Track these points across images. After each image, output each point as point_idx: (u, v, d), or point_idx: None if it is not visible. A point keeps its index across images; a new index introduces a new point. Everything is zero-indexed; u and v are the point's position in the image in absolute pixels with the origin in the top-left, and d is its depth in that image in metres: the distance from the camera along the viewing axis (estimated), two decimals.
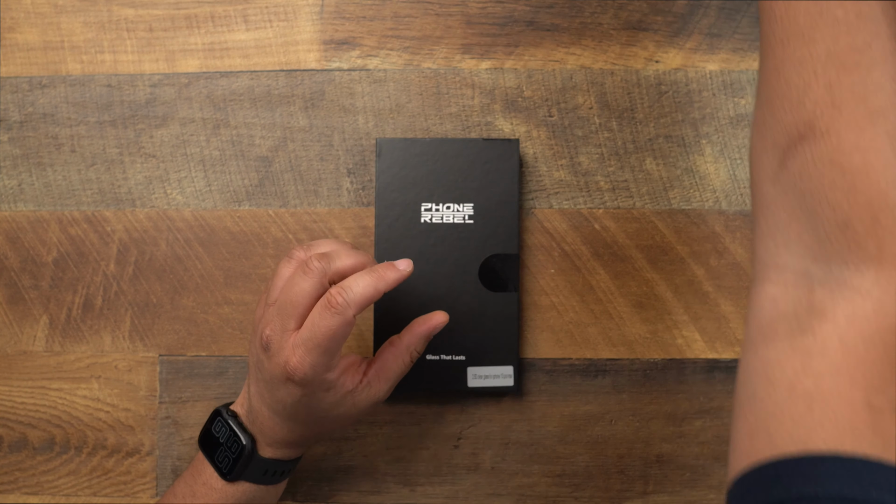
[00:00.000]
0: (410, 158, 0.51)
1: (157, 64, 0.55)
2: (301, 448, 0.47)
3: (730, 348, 0.52)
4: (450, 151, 0.51)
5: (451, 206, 0.51)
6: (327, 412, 0.43)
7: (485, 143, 0.51)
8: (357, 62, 0.54)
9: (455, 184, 0.51)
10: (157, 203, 0.54)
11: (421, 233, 0.51)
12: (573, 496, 0.53)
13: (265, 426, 0.44)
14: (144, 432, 0.54)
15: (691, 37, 0.53)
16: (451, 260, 0.51)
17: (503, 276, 0.51)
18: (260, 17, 0.54)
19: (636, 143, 0.53)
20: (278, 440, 0.45)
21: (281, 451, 0.45)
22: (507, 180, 0.51)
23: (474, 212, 0.51)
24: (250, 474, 0.45)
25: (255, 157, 0.54)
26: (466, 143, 0.52)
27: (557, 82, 0.53)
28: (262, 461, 0.45)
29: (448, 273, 0.51)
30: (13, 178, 0.55)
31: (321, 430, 0.46)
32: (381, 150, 0.52)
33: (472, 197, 0.51)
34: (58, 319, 0.54)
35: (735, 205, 0.53)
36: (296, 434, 0.45)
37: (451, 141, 0.52)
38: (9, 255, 0.55)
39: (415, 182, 0.51)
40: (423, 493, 0.53)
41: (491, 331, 0.51)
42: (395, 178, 0.51)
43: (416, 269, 0.50)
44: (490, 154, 0.51)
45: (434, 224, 0.51)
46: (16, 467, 0.54)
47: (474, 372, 0.51)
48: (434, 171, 0.51)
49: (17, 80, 0.55)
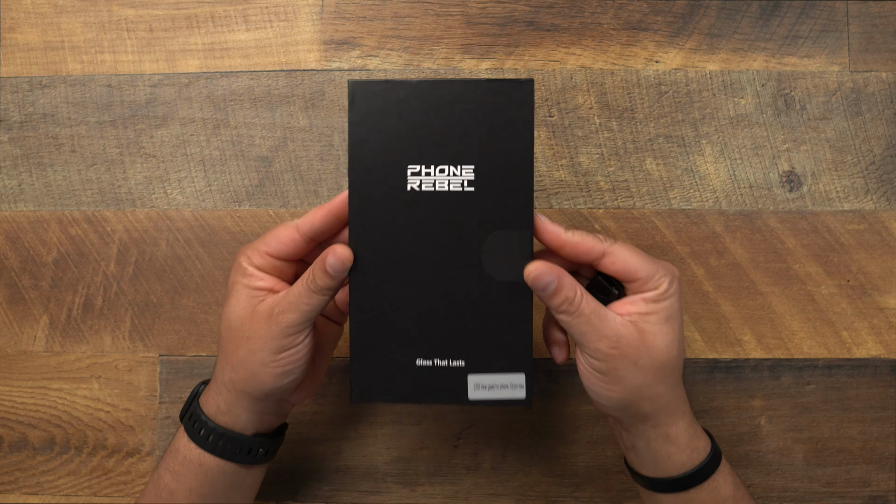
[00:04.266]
0: (393, 107, 0.40)
1: (157, 64, 0.55)
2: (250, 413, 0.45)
3: (730, 348, 0.52)
4: (444, 97, 0.39)
5: (445, 170, 0.40)
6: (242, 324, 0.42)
7: (489, 85, 0.39)
8: (357, 62, 0.54)
9: (451, 140, 0.40)
10: (157, 203, 0.54)
11: (407, 204, 0.40)
12: (573, 496, 0.53)
13: (212, 386, 0.45)
14: (144, 432, 0.54)
15: (691, 37, 0.53)
16: (445, 239, 0.40)
17: (512, 260, 0.40)
18: (260, 17, 0.54)
19: (636, 143, 0.53)
20: (225, 388, 0.44)
21: (230, 415, 0.44)
22: (520, 135, 0.39)
23: (476, 177, 0.40)
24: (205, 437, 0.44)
25: (255, 157, 0.54)
26: (465, 84, 0.39)
27: (557, 82, 0.53)
28: (215, 426, 0.44)
29: (441, 256, 0.40)
30: (13, 178, 0.55)
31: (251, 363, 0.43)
32: (353, 97, 0.40)
33: (474, 157, 0.40)
34: (58, 319, 0.54)
35: (735, 205, 0.53)
36: (230, 374, 0.43)
37: (445, 83, 0.40)
38: (9, 255, 0.55)
39: (399, 138, 0.40)
40: (423, 493, 0.53)
41: (497, 329, 0.41)
42: (374, 133, 0.40)
43: (401, 251, 0.40)
44: (496, 100, 0.39)
45: (423, 192, 0.40)
46: (16, 467, 0.54)
47: (476, 381, 0.41)
48: (424, 124, 0.40)
49: (17, 80, 0.55)
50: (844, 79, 0.53)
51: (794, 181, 0.53)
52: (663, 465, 0.42)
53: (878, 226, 0.52)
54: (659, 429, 0.42)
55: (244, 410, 0.44)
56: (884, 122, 0.53)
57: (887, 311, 0.52)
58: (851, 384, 0.52)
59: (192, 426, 0.45)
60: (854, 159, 0.53)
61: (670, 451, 0.42)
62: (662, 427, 0.42)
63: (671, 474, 0.42)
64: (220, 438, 0.44)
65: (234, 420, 0.44)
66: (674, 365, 0.41)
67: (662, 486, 0.43)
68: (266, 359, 0.42)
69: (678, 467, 0.42)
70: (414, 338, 0.41)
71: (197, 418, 0.45)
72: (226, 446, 0.44)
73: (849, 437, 0.52)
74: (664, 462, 0.42)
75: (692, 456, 0.42)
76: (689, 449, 0.42)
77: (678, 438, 0.42)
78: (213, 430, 0.44)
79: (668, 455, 0.42)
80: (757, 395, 0.52)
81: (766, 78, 0.53)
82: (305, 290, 0.41)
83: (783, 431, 0.52)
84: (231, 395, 0.44)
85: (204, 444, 0.44)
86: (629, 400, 0.40)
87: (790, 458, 0.52)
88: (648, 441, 0.42)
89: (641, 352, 0.39)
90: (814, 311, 0.52)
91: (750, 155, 0.53)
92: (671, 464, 0.42)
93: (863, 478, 0.52)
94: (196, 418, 0.45)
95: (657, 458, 0.42)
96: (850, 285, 0.52)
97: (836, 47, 0.53)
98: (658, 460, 0.42)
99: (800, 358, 0.52)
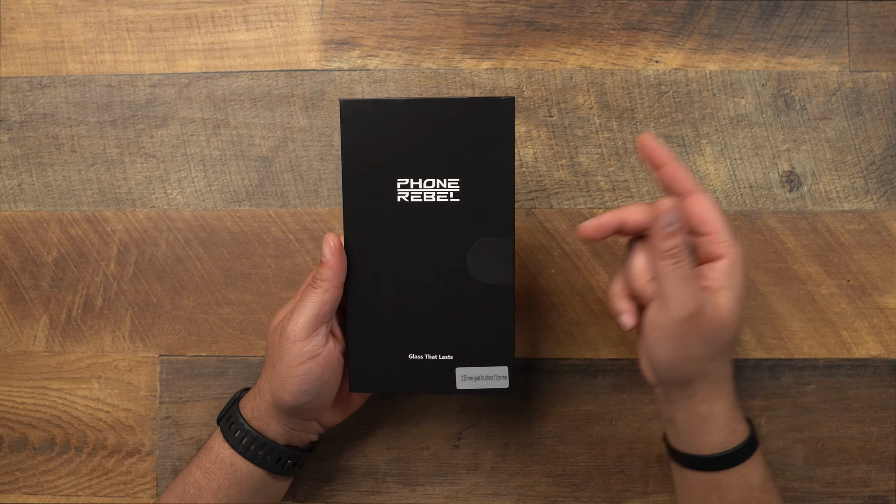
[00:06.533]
0: (382, 124, 0.43)
1: (157, 64, 0.55)
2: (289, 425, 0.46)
3: None
4: (430, 114, 0.42)
5: (432, 182, 0.43)
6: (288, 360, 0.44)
7: (472, 104, 0.42)
8: (357, 62, 0.54)
9: (437, 155, 0.43)
10: (157, 203, 0.54)
11: (397, 214, 0.43)
12: (573, 496, 0.53)
13: (254, 395, 0.46)
14: (144, 432, 0.54)
15: (691, 37, 0.53)
16: (433, 246, 0.44)
17: (495, 265, 0.44)
18: (260, 17, 0.54)
19: (636, 143, 0.53)
20: (266, 405, 0.45)
21: (270, 423, 0.46)
22: (501, 149, 0.42)
23: (461, 188, 0.43)
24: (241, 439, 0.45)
25: (255, 157, 0.54)
26: (450, 103, 0.42)
27: (557, 82, 0.53)
28: (251, 430, 0.45)
29: (430, 261, 0.44)
30: (13, 178, 0.55)
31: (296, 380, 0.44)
32: (346, 115, 0.43)
33: (458, 170, 0.43)
34: (58, 319, 0.54)
35: (735, 205, 0.53)
36: (271, 386, 0.45)
37: (431, 101, 0.43)
38: (9, 255, 0.55)
39: (389, 153, 0.43)
40: (423, 493, 0.53)
41: (482, 327, 0.44)
42: (365, 148, 0.43)
43: (393, 258, 0.44)
44: (479, 117, 0.42)
45: (412, 203, 0.43)
46: (16, 467, 0.54)
47: (464, 373, 0.45)
48: (411, 140, 0.43)
49: (17, 80, 0.55)
50: (844, 79, 0.53)
51: (794, 181, 0.53)
52: (699, 441, 0.42)
53: (878, 226, 0.52)
54: (702, 405, 0.42)
55: (274, 421, 0.46)
56: (884, 122, 0.53)
57: (887, 311, 0.52)
58: (851, 384, 0.52)
59: (229, 427, 0.46)
60: (854, 159, 0.53)
61: (708, 429, 0.42)
62: (706, 403, 0.42)
63: (705, 452, 0.42)
64: (253, 442, 0.45)
65: (266, 427, 0.46)
66: (733, 344, 0.42)
67: (695, 464, 0.43)
68: (284, 372, 0.43)
69: (713, 446, 0.42)
70: (406, 334, 0.45)
71: (235, 420, 0.46)
72: (257, 451, 0.45)
73: (849, 437, 0.52)
74: (700, 439, 0.42)
75: (728, 438, 0.42)
76: (727, 431, 0.42)
77: (717, 417, 0.42)
78: (248, 433, 0.45)
79: (705, 432, 0.42)
80: (757, 395, 0.52)
81: (766, 78, 0.53)
82: (307, 288, 0.44)
83: (783, 431, 0.52)
84: (264, 402, 0.46)
85: (237, 446, 0.45)
86: (685, 370, 0.41)
87: (790, 458, 0.52)
88: (689, 415, 0.42)
89: (713, 327, 0.39)
90: (814, 311, 0.52)
91: (750, 155, 0.53)
92: (707, 442, 0.42)
93: (863, 478, 0.52)
94: (234, 420, 0.46)
95: (694, 433, 0.42)
96: (850, 285, 0.52)
97: (836, 47, 0.53)
98: (694, 436, 0.43)
99: (800, 358, 0.52)
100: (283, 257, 0.53)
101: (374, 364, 0.45)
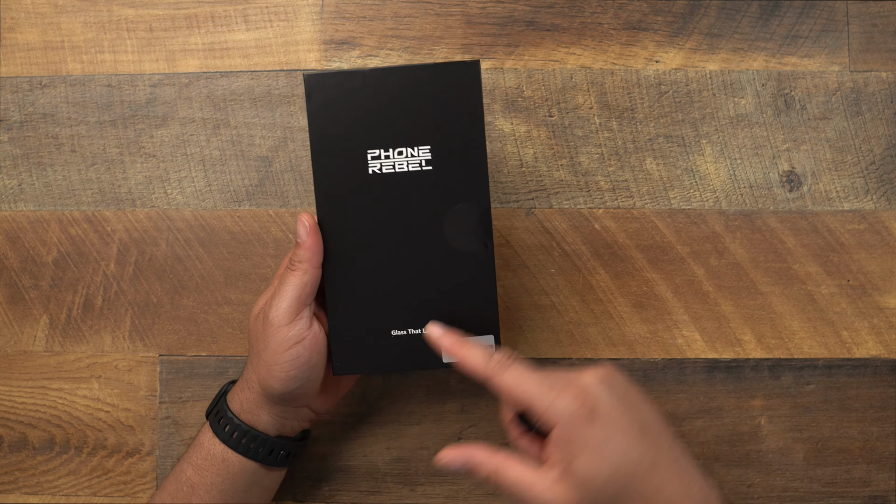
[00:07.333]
0: (348, 96, 0.42)
1: (157, 64, 0.55)
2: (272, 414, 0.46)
3: (730, 348, 0.52)
4: (396, 83, 0.42)
5: (403, 151, 0.42)
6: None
7: (438, 69, 0.42)
8: (357, 62, 0.54)
9: (406, 123, 0.42)
10: (157, 203, 0.54)
11: (370, 186, 0.43)
12: None
13: (241, 386, 0.46)
14: (144, 432, 0.54)
15: (691, 37, 0.53)
16: (409, 216, 0.43)
17: (473, 231, 0.43)
18: (260, 17, 0.54)
19: (636, 143, 0.53)
20: (252, 394, 0.45)
21: (256, 414, 0.45)
22: (470, 113, 0.42)
23: (432, 156, 0.42)
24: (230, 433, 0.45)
25: (255, 157, 0.54)
26: (416, 70, 0.42)
27: (557, 82, 0.53)
28: (240, 423, 0.45)
29: (407, 233, 0.43)
30: (13, 178, 0.55)
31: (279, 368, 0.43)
32: (310, 89, 0.42)
33: (429, 137, 0.42)
34: (58, 319, 0.54)
35: (735, 205, 0.53)
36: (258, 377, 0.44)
37: (396, 69, 0.42)
38: (9, 255, 0.55)
39: (357, 125, 0.42)
40: (423, 493, 0.53)
41: (465, 297, 0.43)
42: (333, 122, 0.42)
43: (369, 231, 0.43)
44: (446, 82, 0.42)
45: (384, 175, 0.42)
46: (16, 467, 0.54)
47: None
48: (379, 110, 0.42)
49: (17, 80, 0.55)
50: (844, 79, 0.53)
51: (794, 181, 0.53)
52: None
53: (878, 226, 0.52)
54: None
55: (264, 411, 0.45)
56: (884, 121, 0.53)
57: (887, 310, 0.52)
58: (851, 384, 0.52)
59: (218, 422, 0.46)
60: (854, 159, 0.53)
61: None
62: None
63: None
64: (244, 436, 0.45)
65: (256, 419, 0.45)
66: (651, 472, 0.36)
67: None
68: (270, 360, 0.43)
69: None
70: (387, 310, 0.44)
71: (223, 415, 0.46)
72: (248, 444, 0.45)
73: (849, 437, 0.52)
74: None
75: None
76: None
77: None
78: (238, 427, 0.45)
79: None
80: (757, 394, 0.52)
81: (766, 78, 0.53)
82: (285, 272, 0.43)
83: (783, 431, 0.52)
84: (252, 393, 0.45)
85: (228, 441, 0.45)
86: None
87: (790, 457, 0.52)
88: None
89: (610, 490, 0.35)
90: (814, 310, 0.52)
91: (750, 155, 0.53)
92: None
93: (863, 478, 0.52)
94: (222, 414, 0.46)
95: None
96: (850, 285, 0.52)
97: (836, 47, 0.53)
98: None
99: (800, 358, 0.52)
100: (283, 257, 0.53)
101: (357, 344, 0.44)
